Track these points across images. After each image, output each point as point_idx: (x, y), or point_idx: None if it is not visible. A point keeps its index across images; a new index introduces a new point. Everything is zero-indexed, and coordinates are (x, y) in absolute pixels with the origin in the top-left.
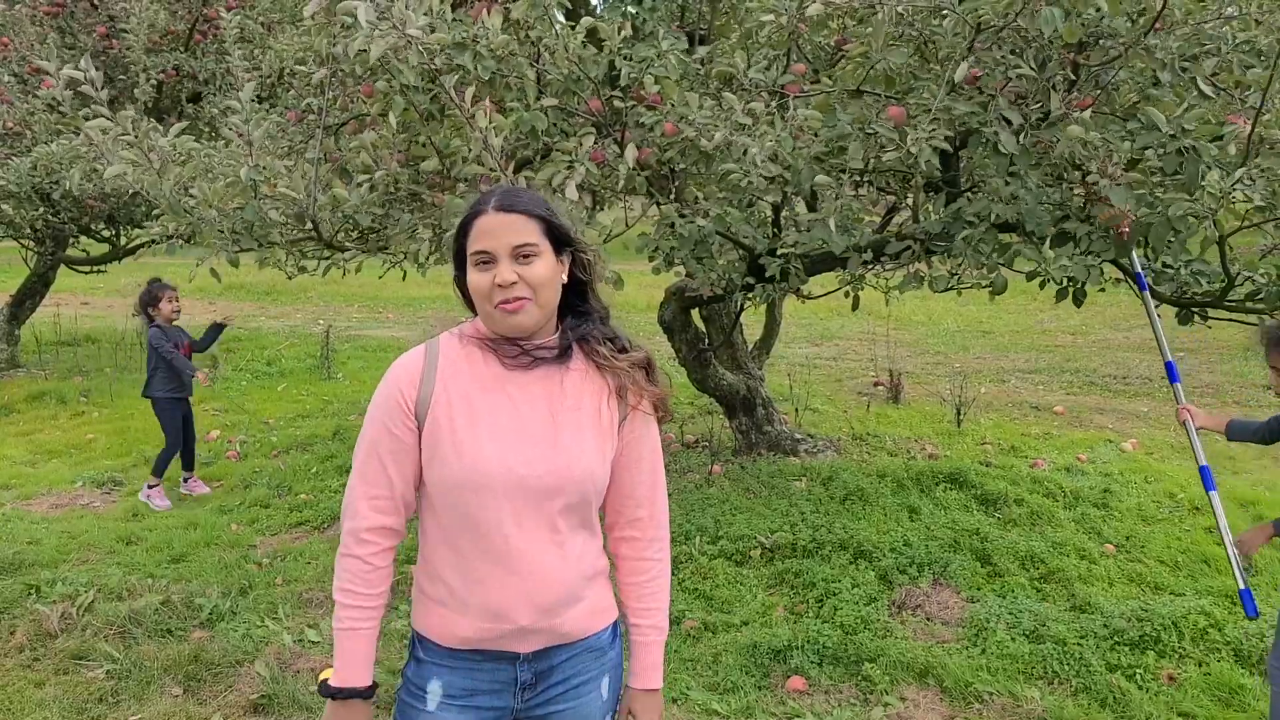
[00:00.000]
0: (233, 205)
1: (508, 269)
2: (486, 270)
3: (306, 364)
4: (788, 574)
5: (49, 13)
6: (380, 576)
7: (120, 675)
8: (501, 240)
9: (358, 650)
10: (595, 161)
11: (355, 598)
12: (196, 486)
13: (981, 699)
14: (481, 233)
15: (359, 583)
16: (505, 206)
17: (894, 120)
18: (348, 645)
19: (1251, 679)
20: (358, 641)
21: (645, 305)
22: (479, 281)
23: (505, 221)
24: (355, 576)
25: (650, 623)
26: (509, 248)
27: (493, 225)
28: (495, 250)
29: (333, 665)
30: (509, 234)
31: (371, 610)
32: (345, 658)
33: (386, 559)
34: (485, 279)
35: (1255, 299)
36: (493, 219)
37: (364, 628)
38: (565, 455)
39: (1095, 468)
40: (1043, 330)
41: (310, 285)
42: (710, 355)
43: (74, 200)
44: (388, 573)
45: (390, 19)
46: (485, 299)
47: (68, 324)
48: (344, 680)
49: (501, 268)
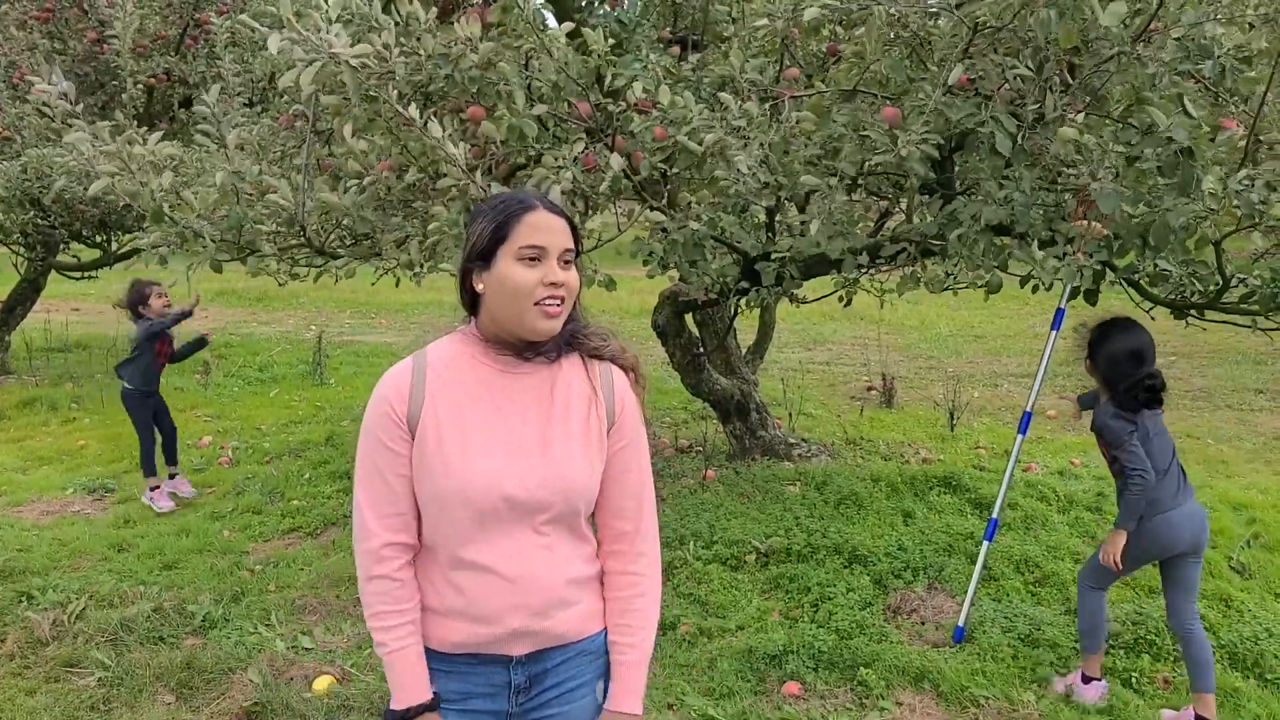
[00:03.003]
0: (219, 212)
1: (560, 270)
2: (535, 266)
3: (299, 370)
4: (782, 579)
5: (39, 18)
6: (408, 591)
7: (112, 683)
8: (556, 240)
9: (409, 669)
10: (587, 167)
11: (391, 617)
12: (181, 486)
13: (977, 703)
14: (534, 228)
15: (390, 601)
16: (552, 208)
17: (889, 121)
18: (401, 666)
19: (1246, 682)
20: (408, 660)
21: (639, 310)
22: (524, 276)
23: (556, 223)
24: (385, 596)
25: (629, 641)
26: (560, 249)
27: (547, 223)
28: (550, 247)
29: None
30: (560, 236)
31: (411, 624)
32: (401, 679)
33: (408, 572)
34: (533, 275)
35: (1249, 301)
36: (545, 217)
37: (408, 645)
38: (555, 468)
39: (1089, 471)
40: (1035, 334)
41: (302, 291)
42: (704, 360)
43: (65, 205)
44: (414, 585)
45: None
46: (525, 295)
47: (58, 330)
48: (407, 700)
49: (554, 267)
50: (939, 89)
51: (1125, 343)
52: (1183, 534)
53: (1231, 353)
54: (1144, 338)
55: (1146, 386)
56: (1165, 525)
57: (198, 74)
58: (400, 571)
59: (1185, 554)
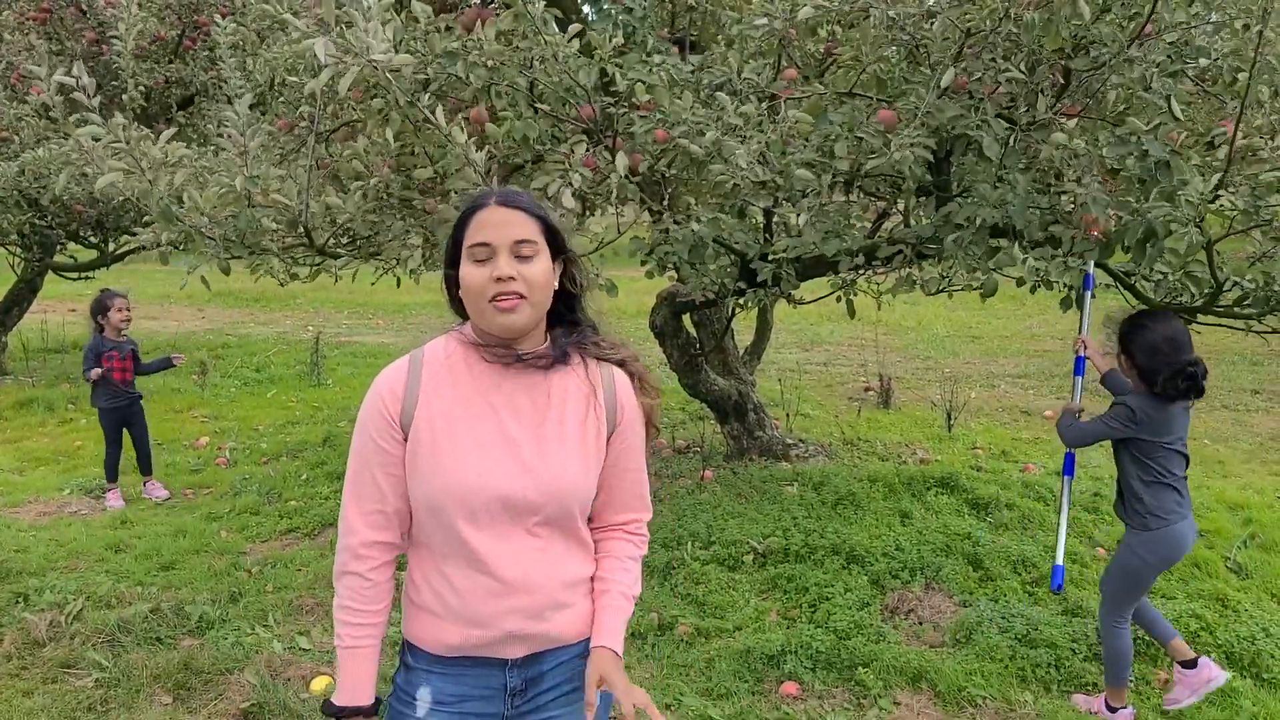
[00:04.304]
0: (225, 213)
1: (507, 264)
2: (484, 265)
3: (296, 370)
4: (780, 579)
5: (37, 19)
6: (379, 593)
7: (109, 684)
8: (502, 233)
9: (360, 669)
10: (589, 168)
11: (355, 615)
12: (154, 490)
13: (975, 703)
14: (482, 225)
15: (358, 599)
16: (507, 202)
17: (884, 124)
18: (349, 664)
19: (1243, 681)
20: (359, 660)
21: (636, 311)
22: (475, 276)
23: (507, 216)
24: (355, 593)
25: (620, 589)
26: (510, 241)
27: (495, 218)
28: (496, 243)
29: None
30: (510, 228)
31: (372, 628)
32: (348, 677)
33: (385, 574)
34: (482, 273)
35: (1243, 304)
36: (495, 213)
37: (365, 645)
38: (550, 470)
39: (1085, 472)
40: (1031, 335)
41: (300, 291)
42: (702, 360)
43: (62, 206)
44: (387, 589)
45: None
46: (479, 295)
47: (55, 331)
48: (348, 699)
49: (500, 262)
50: (932, 92)
51: (1161, 330)
52: (1184, 548)
53: (1228, 353)
54: (1178, 324)
55: (1189, 374)
56: (1174, 538)
57: (196, 77)
58: (375, 572)
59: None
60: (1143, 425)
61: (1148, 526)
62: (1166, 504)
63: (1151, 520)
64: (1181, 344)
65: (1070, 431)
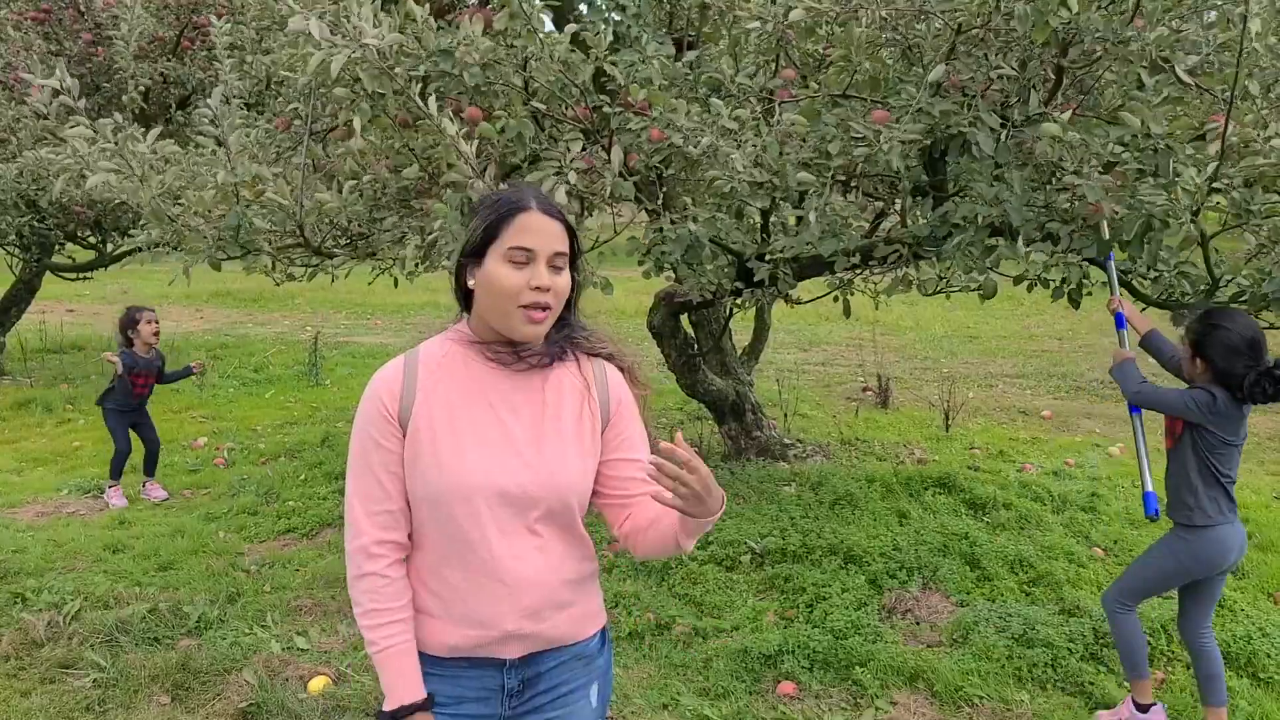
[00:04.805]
0: (217, 212)
1: (545, 273)
2: (522, 269)
3: (294, 371)
4: (778, 579)
5: (35, 19)
6: (399, 588)
7: (107, 684)
8: (546, 243)
9: (402, 666)
10: (585, 167)
11: (381, 615)
12: (153, 491)
13: (971, 702)
14: (525, 229)
15: (380, 598)
16: (549, 211)
17: (878, 123)
18: (390, 665)
19: (1239, 681)
20: (398, 658)
21: (634, 311)
22: (511, 279)
23: (549, 225)
24: (375, 593)
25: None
26: (550, 253)
27: (539, 225)
28: (539, 250)
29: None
30: (552, 239)
31: (402, 623)
32: (393, 677)
33: (400, 570)
34: (520, 277)
35: (1239, 300)
36: (538, 219)
37: (400, 642)
38: (548, 465)
39: (1083, 472)
40: (1029, 335)
41: (297, 292)
42: (699, 360)
43: (60, 207)
44: (406, 585)
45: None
46: (511, 298)
47: (53, 331)
48: (400, 700)
49: (541, 270)
50: (924, 89)
51: (1241, 331)
52: (1230, 552)
53: None
54: (1255, 324)
55: (1275, 378)
56: (1216, 540)
57: (194, 77)
58: (390, 569)
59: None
60: (1218, 417)
61: (1193, 522)
62: (1218, 502)
63: (1198, 515)
64: (1262, 346)
65: (1142, 387)
